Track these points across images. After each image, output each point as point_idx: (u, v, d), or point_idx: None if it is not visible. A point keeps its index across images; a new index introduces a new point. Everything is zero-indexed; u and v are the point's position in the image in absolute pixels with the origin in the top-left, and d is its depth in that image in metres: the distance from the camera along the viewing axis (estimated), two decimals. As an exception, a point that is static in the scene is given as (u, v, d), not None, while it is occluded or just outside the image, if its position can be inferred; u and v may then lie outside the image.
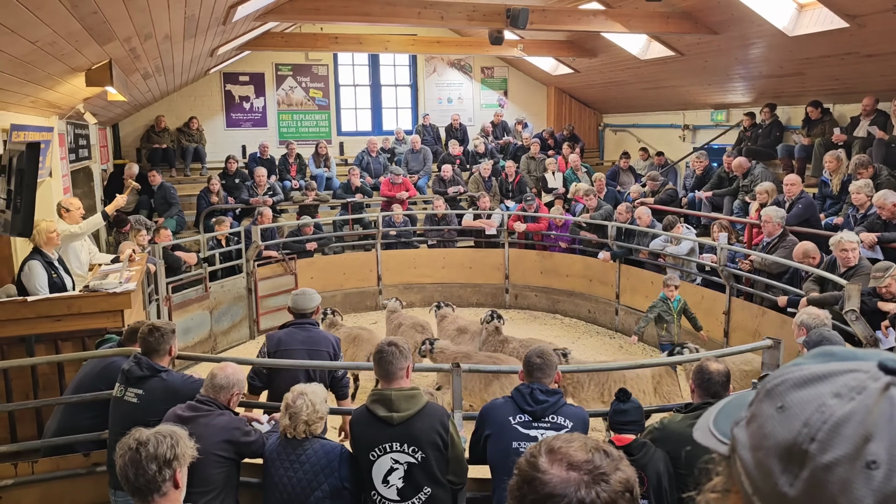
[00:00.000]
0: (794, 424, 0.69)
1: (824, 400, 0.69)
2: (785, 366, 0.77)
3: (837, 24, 7.91)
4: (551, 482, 1.20)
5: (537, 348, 3.71)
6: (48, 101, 6.61)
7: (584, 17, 9.95)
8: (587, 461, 1.23)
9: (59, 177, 7.94)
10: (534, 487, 1.21)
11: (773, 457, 0.70)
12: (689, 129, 13.66)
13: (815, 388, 0.71)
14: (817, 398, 0.70)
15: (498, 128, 15.43)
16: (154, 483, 2.48)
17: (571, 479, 1.20)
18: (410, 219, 11.82)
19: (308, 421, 3.39)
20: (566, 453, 1.24)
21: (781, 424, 0.71)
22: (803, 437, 0.68)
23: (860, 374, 0.70)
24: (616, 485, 1.20)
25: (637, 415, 3.58)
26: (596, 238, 10.34)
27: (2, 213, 4.85)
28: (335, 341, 4.97)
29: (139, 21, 5.27)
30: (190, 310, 8.97)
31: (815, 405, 0.69)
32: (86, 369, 4.53)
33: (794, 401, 0.71)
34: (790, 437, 0.69)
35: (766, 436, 0.72)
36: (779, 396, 0.73)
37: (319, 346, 4.86)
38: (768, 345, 4.45)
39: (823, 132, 9.60)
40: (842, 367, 0.72)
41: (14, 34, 3.88)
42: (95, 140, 11.08)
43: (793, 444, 0.68)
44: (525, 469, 1.25)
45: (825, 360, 0.74)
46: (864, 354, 0.74)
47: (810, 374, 0.73)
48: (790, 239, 7.53)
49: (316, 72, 15.32)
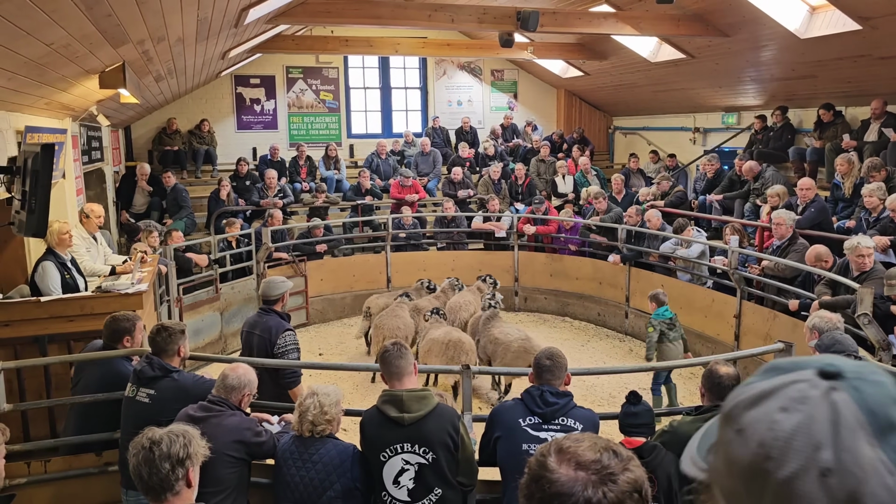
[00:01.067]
0: (750, 446, 0.70)
1: (773, 416, 0.70)
2: (739, 386, 0.78)
3: (850, 27, 7.87)
4: (559, 481, 1.20)
5: (547, 350, 3.71)
6: (62, 103, 6.67)
7: (595, 20, 9.94)
8: (595, 461, 1.22)
9: (73, 178, 8.00)
10: (541, 486, 1.21)
11: (739, 480, 0.70)
12: (700, 131, 13.61)
13: (765, 405, 0.71)
14: (767, 415, 0.70)
15: (508, 130, 15.42)
16: (167, 482, 2.49)
17: (579, 478, 1.20)
18: (420, 221, 11.83)
19: (314, 421, 3.39)
20: (575, 453, 1.24)
21: (742, 448, 0.71)
22: (760, 457, 0.68)
23: (801, 384, 0.71)
24: (624, 485, 1.20)
25: (648, 417, 3.58)
26: (606, 241, 10.31)
27: (17, 213, 4.89)
28: (275, 330, 5.12)
29: (152, 24, 5.31)
30: (201, 311, 9.01)
31: (766, 423, 0.70)
32: (87, 380, 4.53)
33: (748, 421, 0.72)
34: (750, 459, 0.69)
35: (731, 461, 0.72)
36: (735, 419, 0.73)
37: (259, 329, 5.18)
38: (780, 348, 4.43)
39: (835, 135, 9.54)
40: (785, 380, 0.72)
41: (29, 36, 3.91)
42: (108, 142, 11.15)
43: (752, 466, 0.69)
44: (534, 468, 1.25)
45: (772, 375, 0.75)
46: (805, 362, 0.75)
47: (759, 391, 0.73)
48: (800, 242, 7.49)
49: (326, 74, 15.38)
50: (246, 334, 5.32)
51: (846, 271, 6.45)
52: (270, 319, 5.21)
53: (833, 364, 0.71)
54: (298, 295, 10.42)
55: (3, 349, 5.04)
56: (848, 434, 0.66)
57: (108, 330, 4.46)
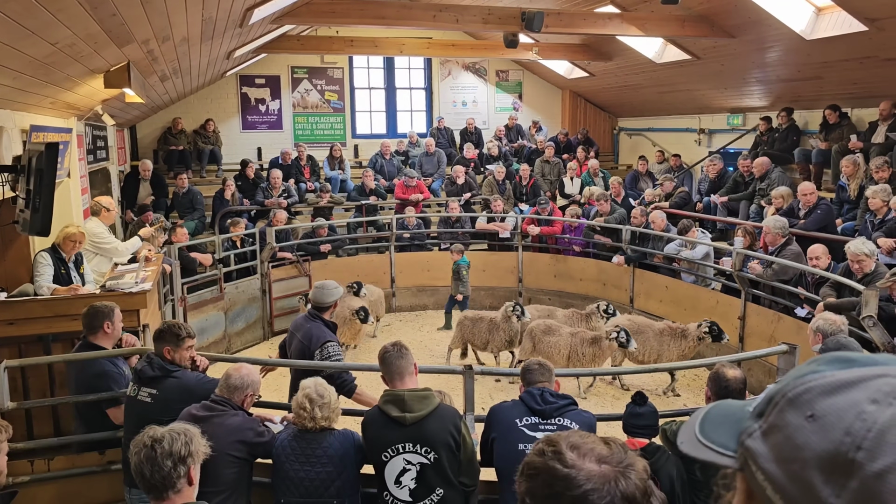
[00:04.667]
0: (833, 434, 0.67)
1: (862, 407, 0.67)
2: (799, 373, 0.75)
3: (856, 28, 7.84)
4: (588, 477, 1.18)
5: (534, 359, 3.87)
6: (67, 102, 6.69)
7: (600, 21, 9.93)
8: (612, 454, 1.22)
9: (78, 177, 8.02)
10: (569, 484, 1.19)
11: (813, 468, 0.67)
12: (705, 133, 13.58)
13: (848, 394, 0.69)
14: (854, 405, 0.67)
15: (512, 131, 15.41)
16: (169, 479, 2.50)
17: (606, 473, 1.19)
18: (424, 221, 11.84)
19: (319, 414, 3.44)
20: (591, 449, 1.23)
21: (817, 434, 0.68)
22: (847, 446, 0.65)
23: (891, 378, 0.68)
24: (642, 472, 1.20)
25: (652, 419, 3.58)
26: (610, 242, 10.30)
27: (21, 212, 4.91)
28: (315, 339, 4.89)
29: (157, 23, 5.32)
30: (205, 310, 9.03)
31: (853, 413, 0.67)
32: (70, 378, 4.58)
33: (826, 409, 0.69)
34: (831, 447, 0.66)
35: (798, 447, 0.69)
36: (807, 405, 0.70)
37: (304, 336, 4.95)
38: (784, 350, 4.42)
39: (841, 136, 9.50)
40: (871, 373, 0.70)
41: (34, 36, 3.93)
42: (113, 141, 11.18)
43: (835, 454, 0.66)
44: (550, 467, 1.22)
45: (847, 366, 0.72)
46: (884, 359, 0.73)
47: (838, 381, 0.70)
48: (790, 248, 7.46)
49: (331, 74, 15.39)
50: (289, 334, 5.20)
51: (851, 273, 6.42)
52: (314, 327, 4.97)
53: None
54: (302, 295, 10.44)
55: (8, 347, 5.05)
56: None
57: (88, 318, 4.45)
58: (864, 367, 0.71)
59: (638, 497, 1.18)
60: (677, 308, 9.13)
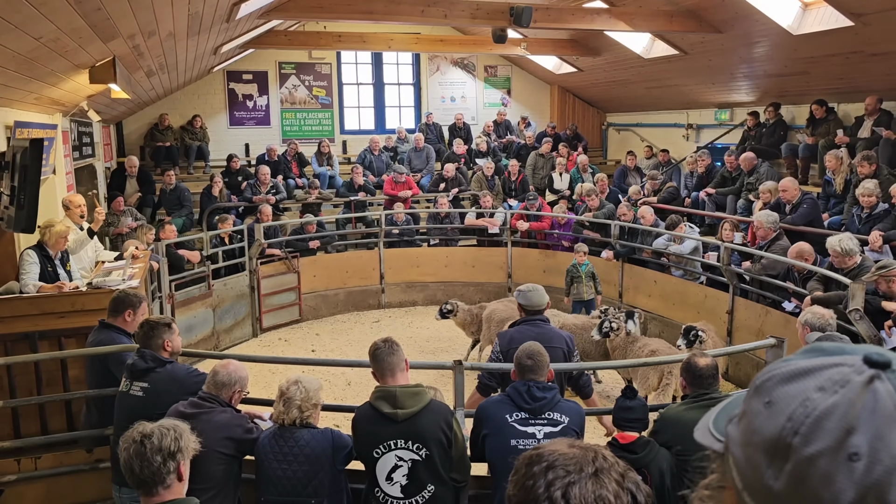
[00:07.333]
0: (779, 419, 0.71)
1: (808, 394, 0.70)
2: (776, 362, 0.78)
3: (842, 23, 7.89)
4: (557, 455, 1.17)
5: (527, 349, 3.63)
6: (52, 98, 6.62)
7: (588, 16, 9.94)
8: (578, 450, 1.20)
9: (63, 174, 7.95)
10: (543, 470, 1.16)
11: (760, 451, 0.71)
12: (693, 128, 13.64)
13: (801, 382, 0.72)
14: (802, 392, 0.71)
15: (501, 126, 15.40)
16: (159, 475, 2.49)
17: (575, 454, 1.18)
18: (413, 217, 11.82)
19: (301, 408, 3.42)
20: (554, 449, 1.21)
21: (768, 419, 0.72)
22: (787, 431, 0.69)
23: (845, 367, 0.71)
24: (618, 465, 1.20)
25: (642, 413, 3.59)
26: (599, 237, 10.32)
27: (6, 209, 4.86)
28: (569, 339, 4.68)
29: (143, 18, 5.27)
30: (193, 307, 8.97)
31: (799, 399, 0.70)
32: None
33: (780, 396, 0.72)
34: (775, 432, 0.70)
35: (754, 431, 0.73)
36: (766, 392, 0.74)
37: (553, 342, 4.46)
38: (772, 343, 4.44)
39: (828, 131, 9.56)
40: (828, 362, 0.73)
41: (18, 30, 3.88)
42: (99, 138, 11.09)
43: (778, 439, 0.70)
44: (524, 469, 1.19)
45: (813, 356, 0.75)
46: (851, 349, 0.75)
47: (797, 368, 0.74)
48: (779, 243, 7.50)
49: (319, 70, 15.33)
50: (529, 343, 4.37)
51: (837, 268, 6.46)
52: (550, 330, 4.67)
53: (882, 354, 0.71)
54: (291, 291, 10.40)
55: (-7, 345, 5.00)
56: (884, 423, 0.65)
57: (114, 302, 4.50)
58: (828, 356, 0.74)
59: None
60: (666, 302, 9.18)
